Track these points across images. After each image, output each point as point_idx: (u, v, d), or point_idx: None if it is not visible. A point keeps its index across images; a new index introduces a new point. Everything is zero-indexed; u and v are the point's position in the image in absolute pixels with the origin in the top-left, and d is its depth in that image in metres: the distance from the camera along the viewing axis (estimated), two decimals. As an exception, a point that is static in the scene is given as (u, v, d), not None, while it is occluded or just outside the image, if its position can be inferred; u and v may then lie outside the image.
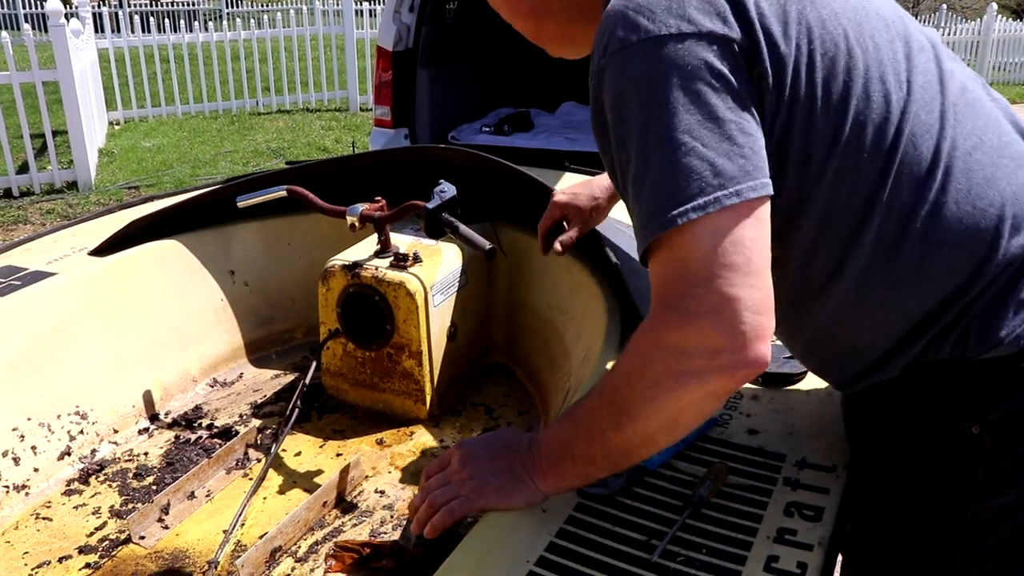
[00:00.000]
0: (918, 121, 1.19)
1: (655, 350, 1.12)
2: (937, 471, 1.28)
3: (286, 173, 2.42)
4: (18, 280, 2.11)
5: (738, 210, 1.07)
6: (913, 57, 1.23)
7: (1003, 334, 1.19)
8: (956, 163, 1.20)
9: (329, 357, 2.23)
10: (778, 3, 1.16)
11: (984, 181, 1.20)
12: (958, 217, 1.19)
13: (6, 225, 7.02)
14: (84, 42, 8.99)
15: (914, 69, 1.22)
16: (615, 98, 1.15)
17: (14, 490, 1.86)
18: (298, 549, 1.71)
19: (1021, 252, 1.19)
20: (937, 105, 1.22)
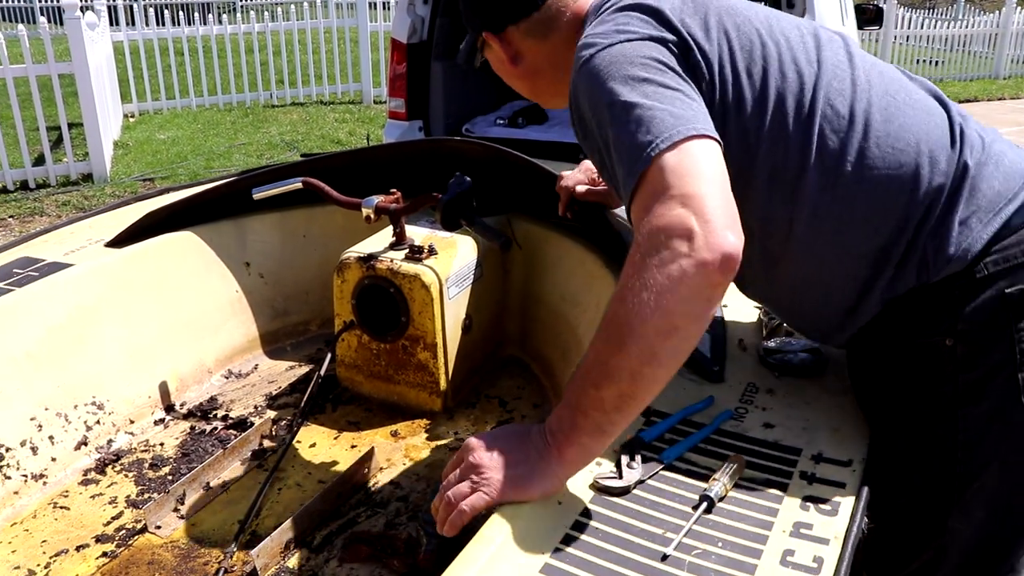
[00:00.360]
0: (831, 88, 1.43)
1: (636, 261, 1.20)
2: (924, 388, 1.44)
3: (302, 165, 2.42)
4: (35, 271, 2.12)
5: (695, 140, 1.24)
6: (822, 44, 1.49)
7: (952, 251, 1.37)
8: (873, 116, 1.41)
9: (344, 349, 2.24)
10: (698, 15, 1.44)
11: (899, 128, 1.41)
12: (881, 157, 1.39)
13: (22, 217, 7.05)
14: (99, 35, 9.01)
15: (823, 51, 1.47)
16: (586, 97, 1.38)
17: (32, 479, 1.88)
18: (313, 540, 1.71)
19: (944, 180, 1.39)
20: (847, 75, 1.45)
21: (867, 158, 1.39)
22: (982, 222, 1.37)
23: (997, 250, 1.37)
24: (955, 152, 1.41)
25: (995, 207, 1.38)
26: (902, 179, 1.39)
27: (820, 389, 1.62)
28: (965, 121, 1.46)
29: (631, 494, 1.32)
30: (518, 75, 1.70)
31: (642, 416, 1.51)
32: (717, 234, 1.16)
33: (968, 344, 1.38)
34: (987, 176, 1.40)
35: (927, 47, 15.06)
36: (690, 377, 1.65)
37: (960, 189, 1.39)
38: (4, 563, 1.67)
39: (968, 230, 1.37)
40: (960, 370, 1.39)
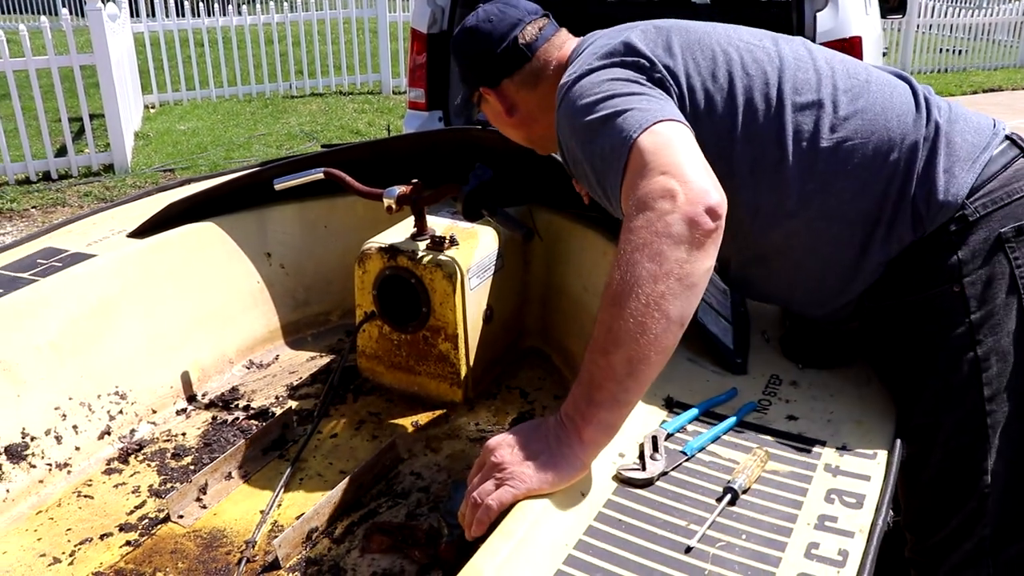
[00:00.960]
0: (796, 79, 1.55)
1: (627, 229, 1.25)
2: (940, 336, 1.51)
3: (323, 156, 2.42)
4: (59, 262, 2.13)
5: (665, 123, 1.36)
6: (780, 44, 1.62)
7: (941, 198, 1.47)
8: (839, 97, 1.53)
9: (365, 340, 2.24)
10: (660, 39, 1.59)
11: (867, 103, 1.53)
12: (853, 130, 1.51)
13: (45, 207, 7.10)
14: (120, 26, 9.04)
15: (783, 50, 1.60)
16: (566, 125, 1.52)
17: (56, 468, 1.89)
18: (334, 530, 1.72)
19: (918, 138, 1.50)
20: (810, 66, 1.57)
21: (839, 133, 1.51)
22: (964, 169, 1.49)
23: (983, 194, 1.49)
24: (922, 115, 1.53)
25: (972, 156, 1.50)
26: (877, 145, 1.50)
27: (844, 381, 1.61)
28: (929, 92, 1.59)
29: (654, 486, 1.31)
30: (514, 124, 1.84)
31: (665, 408, 1.51)
32: (697, 190, 1.23)
33: (973, 286, 1.48)
34: (959, 131, 1.53)
35: (950, 36, 14.89)
36: (713, 369, 1.64)
37: (937, 144, 1.50)
38: (30, 550, 1.69)
39: (952, 177, 1.48)
40: (971, 311, 1.49)
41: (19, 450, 1.83)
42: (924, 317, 1.53)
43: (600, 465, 1.35)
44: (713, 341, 1.68)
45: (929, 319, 1.52)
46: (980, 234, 1.48)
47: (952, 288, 1.49)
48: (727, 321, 1.78)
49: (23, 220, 6.84)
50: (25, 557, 1.67)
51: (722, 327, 1.74)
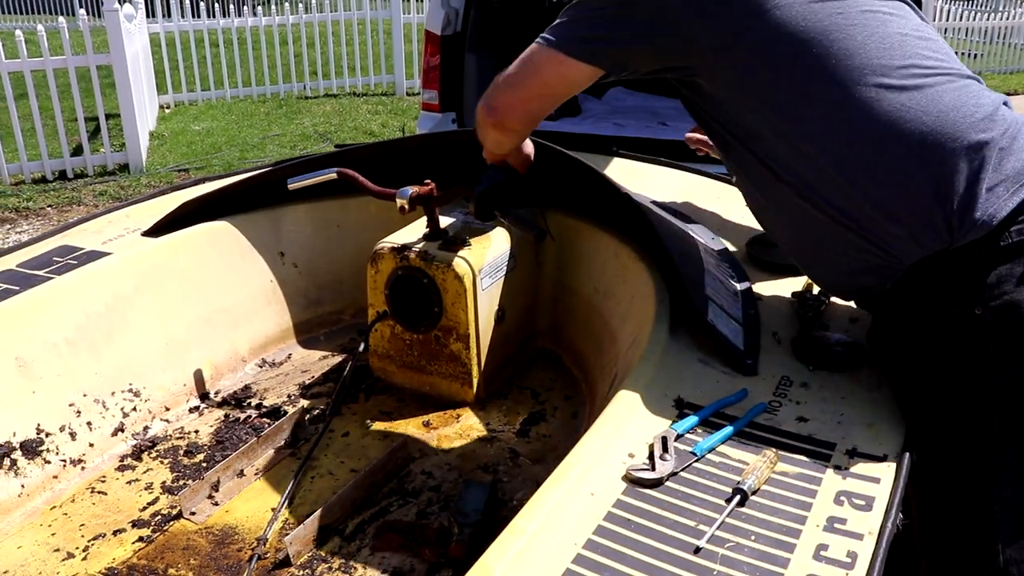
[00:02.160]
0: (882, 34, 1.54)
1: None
2: (956, 358, 1.48)
3: (336, 156, 2.43)
4: (74, 259, 2.14)
5: (553, 57, 1.65)
6: None
7: (978, 216, 1.42)
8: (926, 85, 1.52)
9: (377, 339, 2.25)
10: None
11: (936, 87, 1.51)
12: (914, 103, 1.50)
13: (60, 206, 7.14)
14: (136, 27, 9.08)
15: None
16: None
17: (71, 464, 1.90)
18: (345, 528, 1.73)
19: (976, 148, 1.45)
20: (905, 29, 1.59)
21: (898, 100, 1.49)
22: (1009, 191, 1.44)
23: (1023, 220, 1.43)
24: (986, 121, 1.49)
25: (1022, 179, 1.45)
26: (937, 141, 1.46)
27: (855, 383, 1.61)
28: (1003, 101, 1.56)
29: (664, 486, 1.32)
30: None
31: (675, 409, 1.51)
32: (490, 111, 1.79)
33: (996, 312, 1.43)
34: (1016, 150, 1.47)
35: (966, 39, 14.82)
36: (724, 370, 1.64)
37: (989, 158, 1.45)
38: (44, 545, 1.70)
39: (995, 197, 1.43)
40: (991, 338, 1.43)
41: (34, 446, 1.85)
42: (942, 335, 1.50)
43: (610, 465, 1.35)
44: (723, 342, 1.68)
45: (947, 339, 1.49)
46: (1013, 260, 1.43)
47: (975, 311, 1.44)
48: (738, 323, 1.78)
49: (39, 218, 6.89)
50: (39, 552, 1.69)
51: (732, 328, 1.74)
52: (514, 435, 2.03)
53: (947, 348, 1.49)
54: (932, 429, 1.49)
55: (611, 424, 1.45)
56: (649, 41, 1.62)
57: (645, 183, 2.59)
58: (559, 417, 2.10)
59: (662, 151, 3.25)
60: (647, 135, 4.78)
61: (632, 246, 2.15)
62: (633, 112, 5.41)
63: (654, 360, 1.65)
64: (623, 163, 2.87)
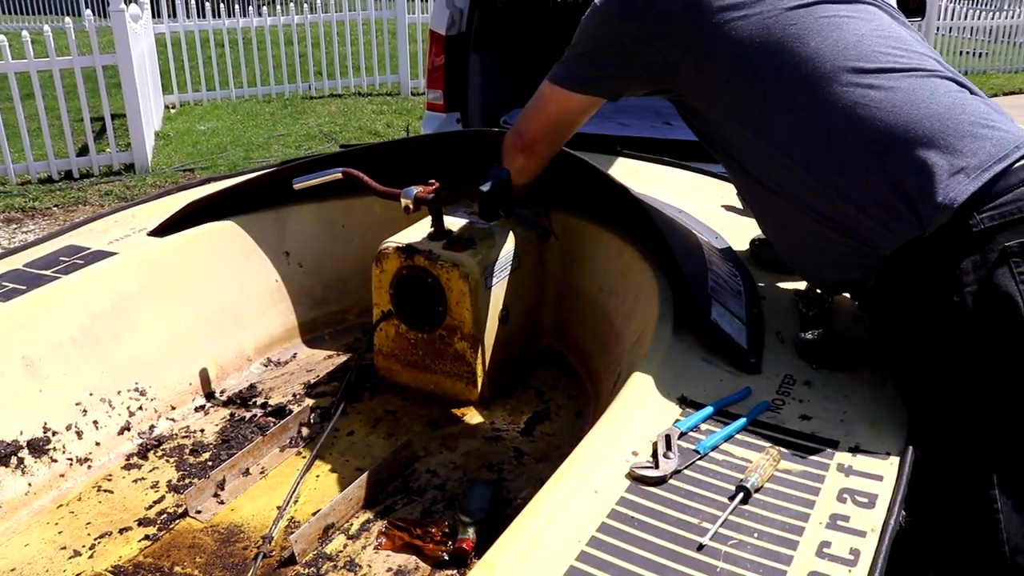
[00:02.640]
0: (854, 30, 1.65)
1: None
2: (941, 346, 1.50)
3: (341, 156, 2.44)
4: (81, 259, 2.15)
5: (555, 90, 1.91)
6: None
7: (939, 199, 1.46)
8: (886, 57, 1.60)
9: (382, 338, 2.25)
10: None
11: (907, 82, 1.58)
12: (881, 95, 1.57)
13: (66, 206, 7.16)
14: (142, 27, 9.10)
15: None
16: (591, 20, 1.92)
17: (77, 462, 1.91)
18: (350, 526, 1.73)
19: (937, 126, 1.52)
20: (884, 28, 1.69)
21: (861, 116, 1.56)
22: (970, 176, 1.48)
23: (994, 207, 1.46)
24: (949, 115, 1.54)
25: (984, 164, 1.49)
26: (894, 134, 1.53)
27: (857, 381, 1.61)
28: (974, 90, 1.63)
29: (667, 484, 1.32)
30: None
31: (679, 407, 1.51)
32: (524, 132, 2.03)
33: (974, 297, 1.45)
34: (980, 137, 1.52)
35: (971, 38, 14.79)
36: (727, 369, 1.64)
37: (949, 147, 1.50)
38: (51, 543, 1.71)
39: (955, 182, 1.48)
40: (971, 324, 1.46)
41: (41, 445, 1.86)
42: (928, 325, 1.52)
43: (614, 463, 1.36)
44: (727, 341, 1.69)
45: (932, 328, 1.51)
46: (985, 246, 1.46)
47: (952, 297, 1.47)
48: (741, 321, 1.78)
49: (45, 218, 6.91)
50: (46, 550, 1.70)
51: (736, 327, 1.75)
52: (518, 434, 2.04)
53: (932, 337, 1.52)
54: (930, 419, 1.50)
55: (615, 422, 1.46)
56: (636, 71, 1.82)
57: (649, 183, 2.59)
58: (563, 416, 2.11)
59: (666, 151, 3.25)
60: (651, 135, 4.78)
61: (636, 245, 2.16)
62: (637, 112, 5.41)
63: (658, 359, 1.65)
64: (627, 163, 2.87)
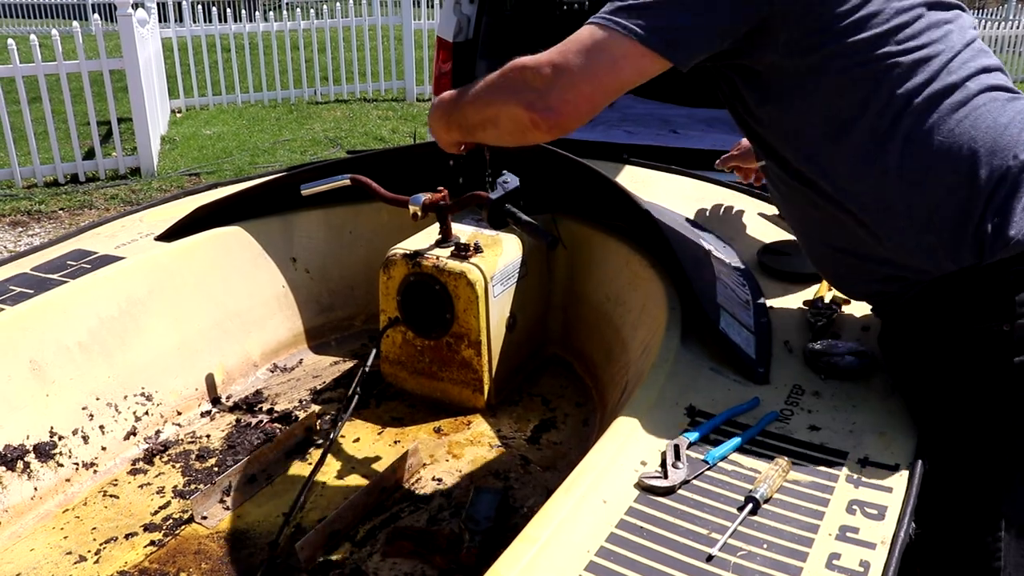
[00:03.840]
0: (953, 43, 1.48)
1: (521, 65, 1.49)
2: (978, 371, 1.45)
3: (349, 162, 2.44)
4: (88, 264, 2.16)
5: (626, 44, 1.40)
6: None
7: (1012, 233, 1.38)
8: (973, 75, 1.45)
9: (388, 345, 2.25)
10: None
11: (987, 101, 1.45)
12: (967, 116, 1.43)
13: (73, 209, 7.18)
14: (149, 31, 9.13)
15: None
16: None
17: (83, 467, 1.91)
18: (356, 534, 1.73)
19: (1017, 162, 1.40)
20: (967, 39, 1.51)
21: (950, 142, 1.43)
22: None
23: None
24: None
25: None
26: (979, 161, 1.41)
27: (866, 392, 1.61)
28: None
29: (676, 494, 1.32)
30: None
31: (687, 417, 1.51)
32: (552, 108, 1.44)
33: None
34: None
35: (977, 48, 14.76)
36: (735, 378, 1.64)
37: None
38: (56, 548, 1.71)
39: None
40: (1017, 354, 1.40)
41: (47, 449, 1.86)
42: (966, 349, 1.46)
43: (622, 473, 1.35)
44: (735, 351, 1.68)
45: (970, 353, 1.45)
46: None
47: (1002, 326, 1.41)
48: (749, 331, 1.78)
49: (51, 222, 6.92)
50: (52, 555, 1.69)
51: (744, 337, 1.74)
52: (525, 442, 2.04)
53: (969, 361, 1.46)
54: (945, 440, 1.48)
55: (623, 432, 1.45)
56: (738, 22, 1.45)
57: (656, 191, 2.59)
58: (570, 424, 2.10)
59: (673, 159, 3.25)
60: (658, 143, 4.78)
61: (643, 254, 2.16)
62: (644, 120, 5.41)
63: (666, 368, 1.65)
64: (634, 171, 2.87)
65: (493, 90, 1.56)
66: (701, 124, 5.22)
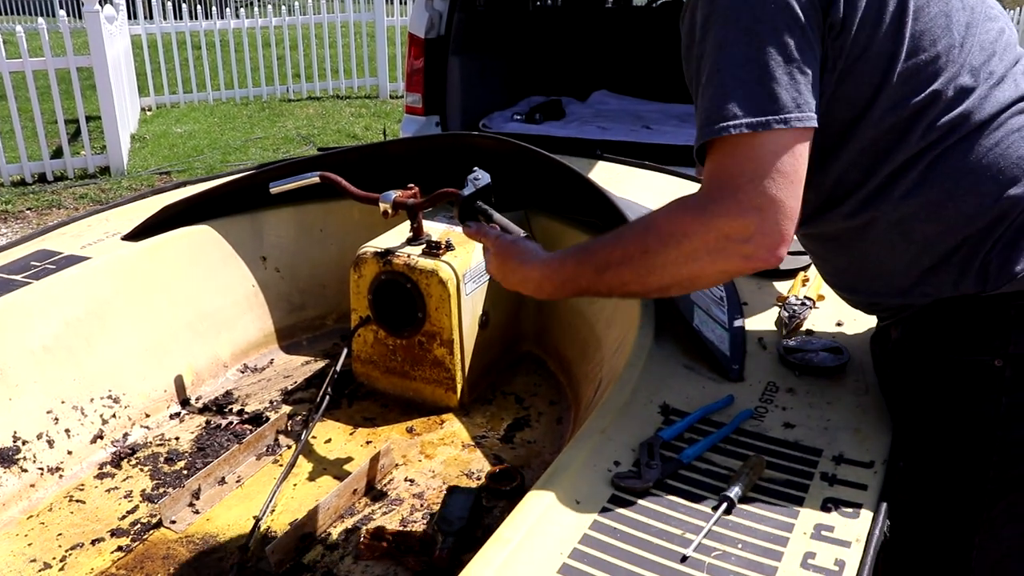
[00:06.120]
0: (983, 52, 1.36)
1: (700, 227, 1.29)
2: (964, 403, 1.41)
3: (319, 159, 2.41)
4: (53, 264, 2.12)
5: (785, 135, 1.24)
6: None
7: (1017, 269, 1.32)
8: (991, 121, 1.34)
9: (360, 344, 2.23)
10: None
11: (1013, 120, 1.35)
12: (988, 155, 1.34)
13: (40, 209, 7.09)
14: (118, 28, 9.03)
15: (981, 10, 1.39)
16: (705, 17, 1.30)
17: (48, 472, 1.88)
18: (328, 536, 1.71)
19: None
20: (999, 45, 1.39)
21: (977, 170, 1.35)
22: None
23: None
24: None
25: None
26: (997, 180, 1.34)
27: (841, 389, 1.60)
28: None
29: (650, 494, 1.31)
30: None
31: (661, 415, 1.50)
32: (772, 247, 1.27)
33: (1017, 369, 1.35)
34: None
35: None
36: (709, 376, 1.63)
37: None
38: (20, 555, 1.67)
39: None
40: (1005, 392, 1.36)
41: (10, 454, 1.82)
42: (955, 381, 1.42)
43: (595, 473, 1.34)
44: (709, 348, 1.67)
45: (959, 384, 1.41)
46: None
47: (994, 362, 1.36)
48: (723, 328, 1.77)
49: (18, 222, 6.83)
50: (15, 563, 1.66)
51: (718, 334, 1.73)
52: (498, 441, 2.02)
53: (956, 392, 1.42)
54: (920, 468, 1.45)
55: (596, 431, 1.44)
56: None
57: (630, 187, 2.58)
58: (544, 423, 2.09)
59: (647, 155, 3.25)
60: (632, 139, 4.78)
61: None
62: (617, 116, 5.42)
63: (639, 366, 1.64)
64: (608, 167, 2.86)
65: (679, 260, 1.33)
66: (674, 120, 5.23)
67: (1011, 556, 1.44)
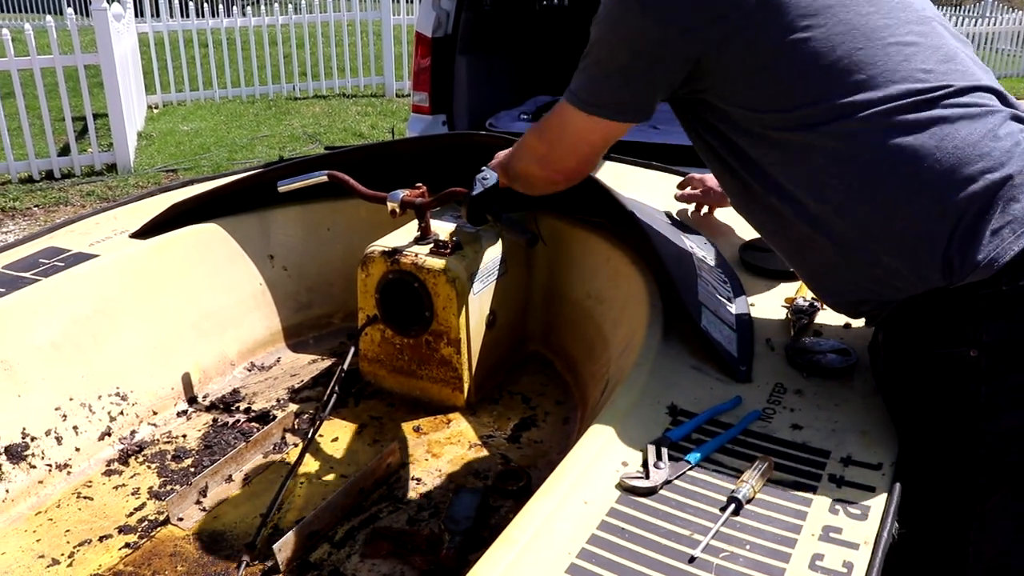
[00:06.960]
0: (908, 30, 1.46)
1: (531, 138, 1.84)
2: (947, 397, 1.43)
3: (327, 158, 2.42)
4: (61, 261, 2.12)
5: (602, 124, 1.62)
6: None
7: (979, 258, 1.35)
8: (942, 77, 1.43)
9: (367, 343, 2.23)
10: None
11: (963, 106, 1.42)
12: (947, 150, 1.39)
13: (47, 206, 7.10)
14: (125, 26, 9.05)
15: None
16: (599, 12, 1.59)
17: (56, 469, 1.88)
18: (335, 534, 1.71)
19: (985, 185, 1.37)
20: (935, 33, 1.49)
21: (915, 159, 1.39)
22: (1015, 233, 1.35)
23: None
24: (1001, 162, 1.38)
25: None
26: (945, 180, 1.38)
27: (849, 390, 1.60)
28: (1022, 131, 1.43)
29: (658, 495, 1.31)
30: None
31: (669, 416, 1.50)
32: (562, 173, 1.79)
33: (992, 357, 1.36)
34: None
35: (954, 45, 14.84)
36: (717, 377, 1.63)
37: (997, 199, 1.36)
38: (29, 551, 1.68)
39: (999, 240, 1.35)
40: (983, 381, 1.37)
41: (19, 450, 1.83)
42: (935, 374, 1.44)
43: (603, 473, 1.34)
44: (717, 349, 1.67)
45: (940, 378, 1.43)
46: (1013, 306, 1.36)
47: (969, 352, 1.38)
48: (731, 329, 1.77)
49: (26, 219, 6.85)
50: (24, 558, 1.66)
51: (726, 335, 1.73)
52: (505, 441, 2.02)
53: (938, 387, 1.44)
54: (915, 466, 1.44)
55: (604, 432, 1.44)
56: (671, 71, 1.56)
57: (637, 187, 2.58)
58: (550, 423, 2.09)
59: (654, 155, 3.24)
60: (639, 139, 4.77)
61: (624, 251, 2.14)
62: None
63: (647, 366, 1.64)
64: (614, 167, 2.86)
65: (517, 156, 1.92)
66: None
67: (1009, 552, 1.44)
